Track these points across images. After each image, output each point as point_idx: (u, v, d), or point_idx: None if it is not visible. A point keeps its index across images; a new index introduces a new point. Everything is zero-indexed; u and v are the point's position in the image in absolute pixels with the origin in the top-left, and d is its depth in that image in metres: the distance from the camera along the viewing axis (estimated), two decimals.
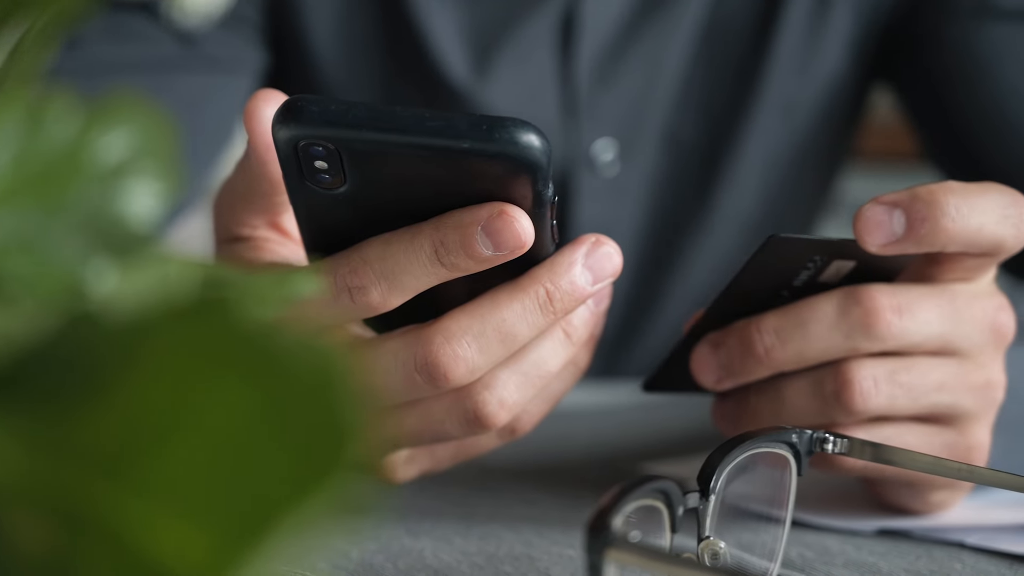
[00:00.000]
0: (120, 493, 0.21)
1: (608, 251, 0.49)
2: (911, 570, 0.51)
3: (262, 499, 0.18)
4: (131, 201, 0.26)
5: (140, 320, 0.23)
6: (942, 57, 0.93)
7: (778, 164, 0.99)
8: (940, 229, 0.50)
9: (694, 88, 0.97)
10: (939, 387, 0.53)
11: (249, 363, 0.21)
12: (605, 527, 0.37)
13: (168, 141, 0.27)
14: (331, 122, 0.43)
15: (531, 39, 0.92)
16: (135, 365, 0.22)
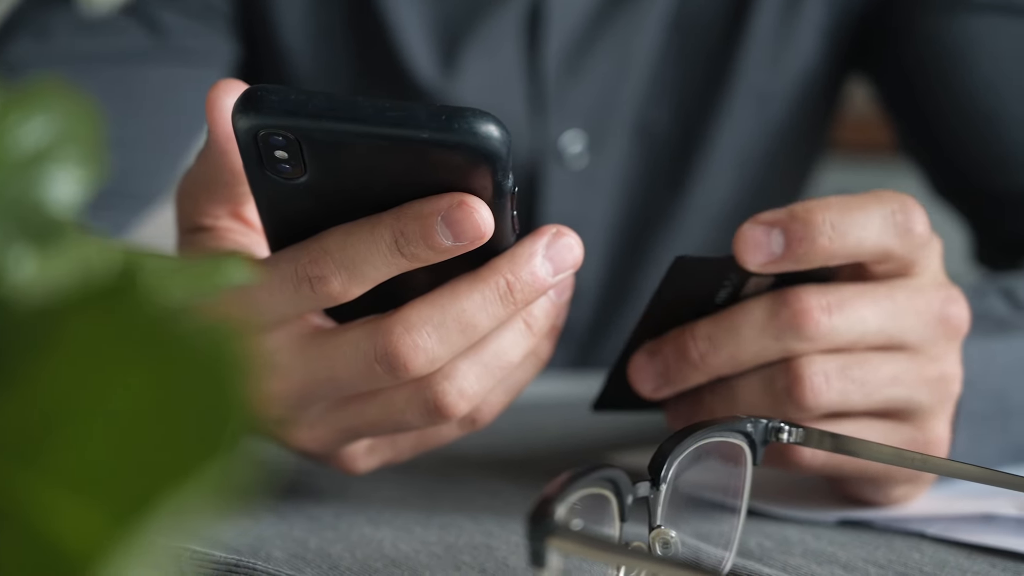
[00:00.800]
0: (26, 476, 0.21)
1: (569, 242, 0.49)
2: (869, 560, 0.51)
3: (150, 477, 0.18)
4: (52, 187, 0.26)
5: (52, 305, 0.23)
6: (916, 49, 0.93)
7: (751, 156, 0.99)
8: (818, 247, 0.51)
9: (665, 79, 0.97)
10: (892, 381, 0.53)
11: (151, 347, 0.21)
12: (547, 515, 0.37)
13: (91, 128, 0.27)
14: (291, 112, 0.43)
15: (498, 31, 0.92)
16: (46, 350, 0.22)
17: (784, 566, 0.50)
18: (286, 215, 0.48)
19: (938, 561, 0.51)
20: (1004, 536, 0.54)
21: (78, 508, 0.20)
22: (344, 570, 0.49)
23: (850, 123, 1.32)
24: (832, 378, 0.53)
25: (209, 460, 0.18)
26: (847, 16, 0.97)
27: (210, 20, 0.91)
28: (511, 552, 0.51)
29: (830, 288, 0.53)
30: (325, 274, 0.47)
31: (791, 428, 0.49)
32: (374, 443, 0.55)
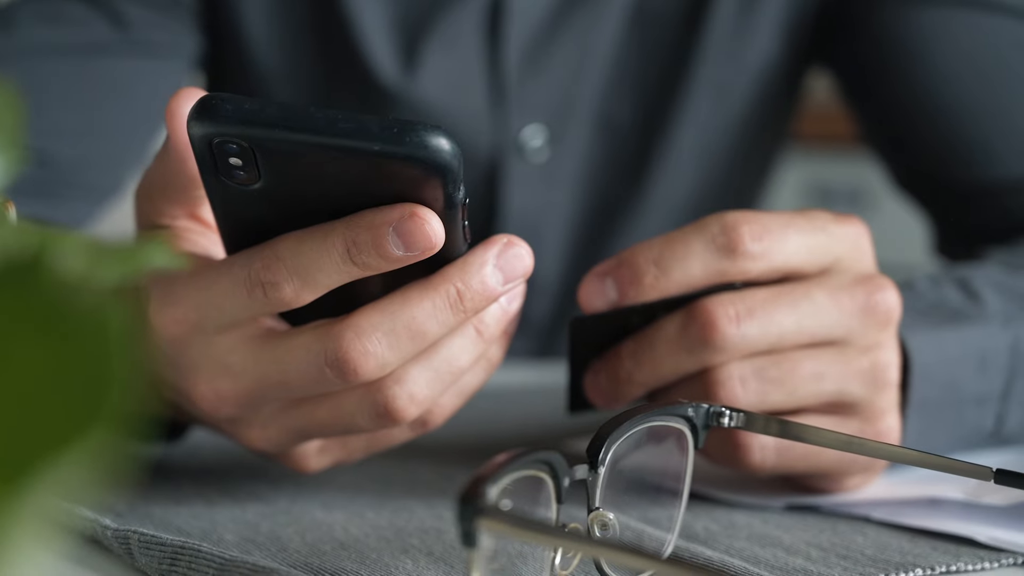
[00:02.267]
0: None
1: (519, 252, 0.50)
2: (813, 543, 0.52)
3: (34, 445, 0.19)
4: None
5: None
6: (874, 43, 0.94)
7: (712, 149, 1.00)
8: (647, 287, 0.55)
9: (626, 73, 0.98)
10: (816, 377, 0.55)
11: (48, 323, 0.22)
12: (478, 495, 0.37)
13: (11, 114, 0.27)
14: (244, 121, 0.44)
15: (458, 26, 0.93)
16: None
17: (728, 549, 0.51)
18: (241, 220, 0.49)
19: (880, 544, 0.52)
20: (948, 520, 0.54)
21: None
22: (292, 552, 0.49)
23: (812, 115, 1.33)
24: (749, 380, 0.54)
25: (90, 429, 0.19)
26: (805, 10, 0.98)
27: (174, 13, 0.91)
28: None
29: (742, 296, 0.54)
30: (277, 280, 0.47)
31: (732, 412, 0.49)
32: (325, 444, 0.55)
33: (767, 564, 0.49)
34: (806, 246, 0.55)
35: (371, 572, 0.47)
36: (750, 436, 0.55)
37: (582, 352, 0.58)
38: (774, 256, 0.55)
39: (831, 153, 2.32)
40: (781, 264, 0.55)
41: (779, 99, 1.02)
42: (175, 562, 0.45)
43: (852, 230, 0.57)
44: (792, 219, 0.56)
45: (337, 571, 0.47)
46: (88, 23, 0.87)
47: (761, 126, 1.02)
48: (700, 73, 0.97)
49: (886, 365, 0.56)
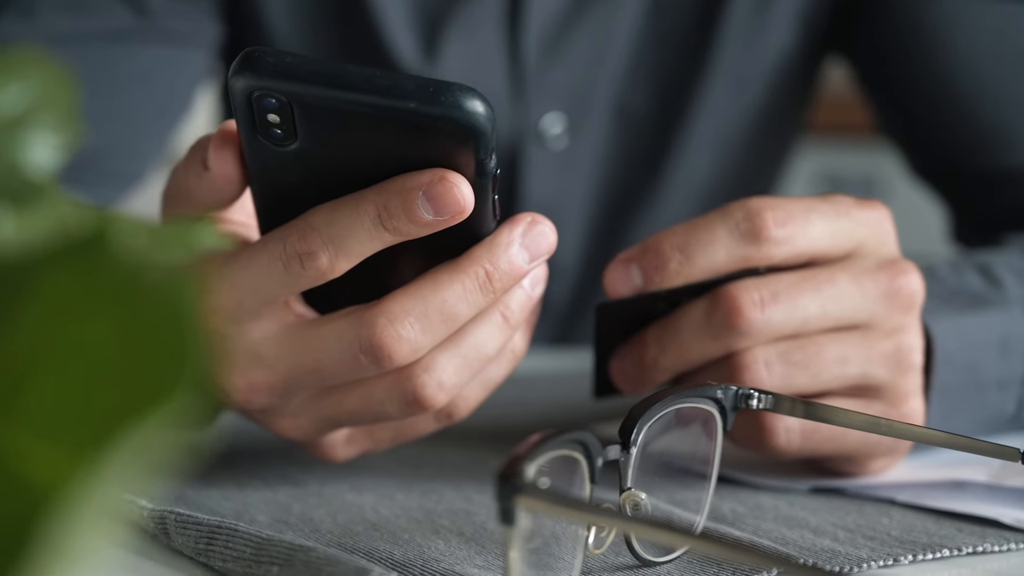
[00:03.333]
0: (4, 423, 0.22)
1: (544, 229, 0.51)
2: (839, 524, 0.53)
3: (110, 417, 0.19)
4: (30, 151, 0.27)
5: (27, 261, 0.24)
6: (891, 31, 0.94)
7: (729, 136, 1.00)
8: (672, 273, 0.55)
9: (644, 61, 0.98)
10: (841, 361, 0.55)
11: (118, 298, 0.22)
12: (516, 474, 0.38)
13: (68, 95, 0.28)
14: (283, 74, 0.45)
15: (478, 15, 0.93)
16: (20, 303, 0.23)
17: (756, 530, 0.52)
18: (276, 186, 0.49)
19: (906, 526, 0.53)
20: (972, 502, 0.55)
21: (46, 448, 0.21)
22: (325, 533, 0.50)
23: (828, 104, 1.33)
24: (774, 364, 0.55)
25: (165, 400, 0.19)
26: None
27: (195, 2, 0.92)
28: (490, 517, 0.52)
29: (766, 281, 0.55)
30: (313, 250, 0.48)
31: (761, 394, 0.50)
32: (353, 433, 0.56)
33: (795, 545, 0.50)
34: (829, 231, 0.56)
35: (404, 552, 0.48)
36: (775, 419, 0.55)
37: (608, 337, 0.59)
38: (798, 241, 0.55)
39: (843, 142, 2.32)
40: (805, 249, 0.55)
41: (796, 88, 1.02)
42: (212, 541, 0.46)
43: (875, 214, 0.57)
44: (815, 204, 0.56)
45: (371, 551, 0.47)
46: (111, 11, 0.88)
47: (778, 115, 1.02)
48: (717, 62, 0.97)
49: (910, 348, 0.57)
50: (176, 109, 0.92)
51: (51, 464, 0.21)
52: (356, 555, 0.46)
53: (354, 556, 0.44)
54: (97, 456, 0.19)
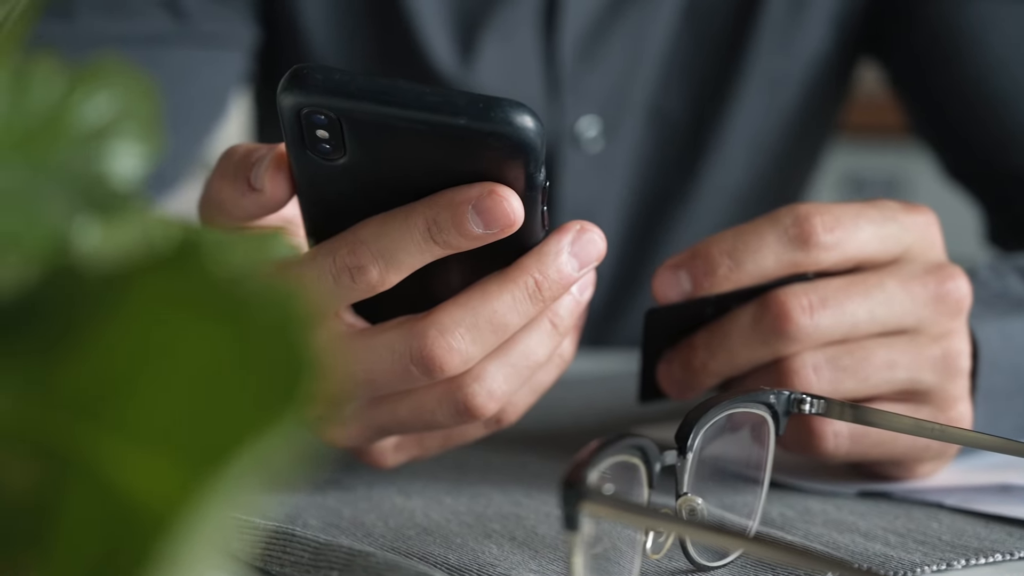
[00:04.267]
0: (98, 433, 0.22)
1: (593, 237, 0.51)
2: (889, 528, 0.53)
3: (224, 431, 0.19)
4: (113, 161, 0.27)
5: (119, 271, 0.24)
6: (927, 32, 0.94)
7: (764, 139, 1.00)
8: (720, 279, 0.55)
9: (678, 64, 0.98)
10: (889, 366, 0.55)
11: (218, 307, 0.22)
12: (580, 480, 0.38)
13: (150, 105, 0.28)
14: (333, 92, 0.45)
15: (515, 18, 0.93)
16: (114, 313, 0.23)
17: (806, 535, 0.52)
18: (325, 199, 0.49)
19: (956, 530, 0.53)
20: (1021, 506, 0.55)
21: (151, 462, 0.21)
22: (378, 537, 0.50)
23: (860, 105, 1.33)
24: (822, 369, 0.55)
25: (283, 412, 0.19)
26: (856, 2, 0.98)
27: (231, 4, 0.92)
28: (540, 521, 0.53)
29: (814, 286, 0.55)
30: (363, 263, 0.48)
31: (813, 399, 0.50)
32: (402, 440, 0.56)
33: (847, 550, 0.50)
34: (877, 236, 0.56)
35: (459, 557, 0.48)
36: (824, 423, 0.55)
37: (655, 342, 0.59)
38: (846, 246, 0.55)
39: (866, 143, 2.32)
40: (853, 254, 0.55)
41: (829, 90, 1.02)
42: (269, 546, 0.46)
43: (922, 219, 0.57)
44: (863, 209, 0.56)
45: (425, 555, 0.48)
46: (148, 14, 0.88)
47: (811, 117, 1.02)
48: (752, 65, 0.97)
49: (958, 353, 0.57)
50: (212, 112, 0.92)
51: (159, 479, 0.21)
52: (410, 559, 0.46)
53: (413, 561, 0.44)
54: (208, 471, 0.20)
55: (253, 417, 0.19)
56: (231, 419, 0.20)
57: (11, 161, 0.26)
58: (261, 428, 0.19)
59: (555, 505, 0.55)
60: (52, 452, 0.23)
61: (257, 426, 0.19)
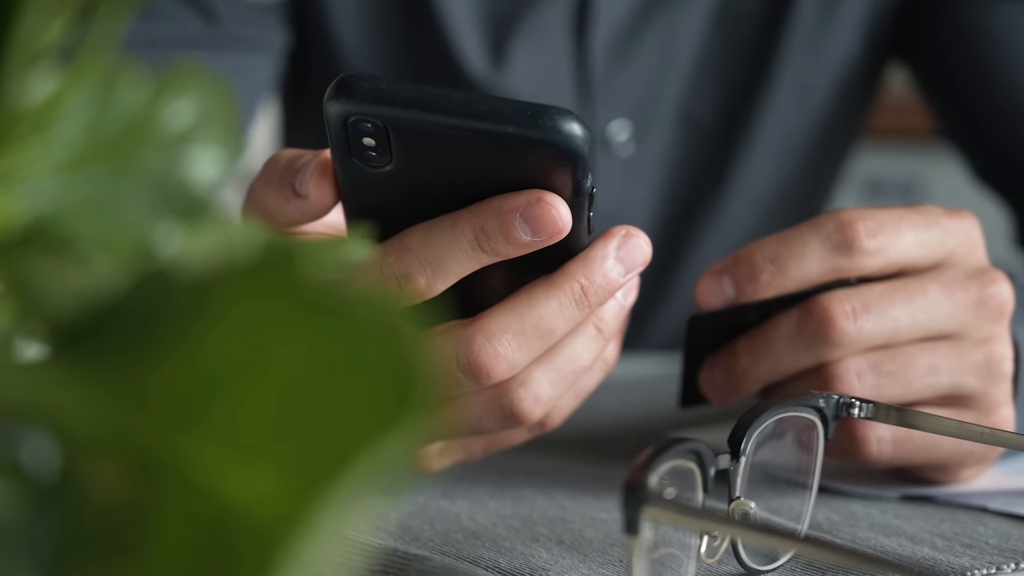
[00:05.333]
0: (189, 440, 0.22)
1: (639, 242, 0.51)
2: (936, 532, 0.53)
3: (336, 438, 0.19)
4: (196, 166, 0.27)
5: (210, 277, 0.24)
6: (957, 36, 0.94)
7: (793, 143, 1.00)
8: (763, 285, 0.55)
9: (709, 68, 0.98)
10: (932, 371, 0.55)
11: (317, 314, 0.22)
12: (641, 484, 0.38)
13: (230, 110, 0.28)
14: (381, 100, 0.45)
15: (546, 21, 0.93)
16: (206, 319, 0.23)
17: (853, 538, 0.52)
18: (369, 204, 0.49)
19: (1002, 534, 0.52)
20: None
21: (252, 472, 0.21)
22: (426, 541, 0.50)
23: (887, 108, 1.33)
24: (865, 375, 0.55)
25: (400, 421, 0.19)
26: (886, 4, 0.98)
27: (262, 8, 0.92)
28: (586, 525, 0.53)
29: (857, 292, 0.55)
30: (411, 271, 0.48)
31: (862, 403, 0.50)
32: (447, 444, 0.56)
33: (895, 554, 0.50)
34: (920, 241, 0.56)
35: (509, 561, 0.48)
36: (867, 429, 0.55)
37: (697, 348, 0.59)
38: (889, 252, 0.55)
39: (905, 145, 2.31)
40: (896, 259, 0.55)
41: (858, 94, 1.02)
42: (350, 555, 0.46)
43: (964, 224, 0.57)
44: (906, 214, 0.56)
45: (475, 559, 0.48)
46: (180, 17, 0.88)
47: (840, 120, 1.02)
48: (782, 69, 0.97)
49: (1000, 358, 0.57)
50: (243, 116, 0.92)
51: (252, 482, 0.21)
52: (463, 562, 0.46)
53: (469, 566, 0.44)
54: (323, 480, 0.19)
55: (368, 425, 0.19)
56: (342, 426, 0.20)
57: (97, 166, 0.26)
58: (378, 435, 0.19)
59: (600, 509, 0.55)
60: (144, 460, 0.23)
61: (373, 435, 0.19)
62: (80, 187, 0.26)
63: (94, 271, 0.26)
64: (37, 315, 0.25)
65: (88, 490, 0.23)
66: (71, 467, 0.24)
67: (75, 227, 0.26)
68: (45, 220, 0.26)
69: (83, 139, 0.26)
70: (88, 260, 0.26)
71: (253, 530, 0.21)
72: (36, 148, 0.25)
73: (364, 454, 0.19)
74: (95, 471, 0.23)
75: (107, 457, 0.23)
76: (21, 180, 0.25)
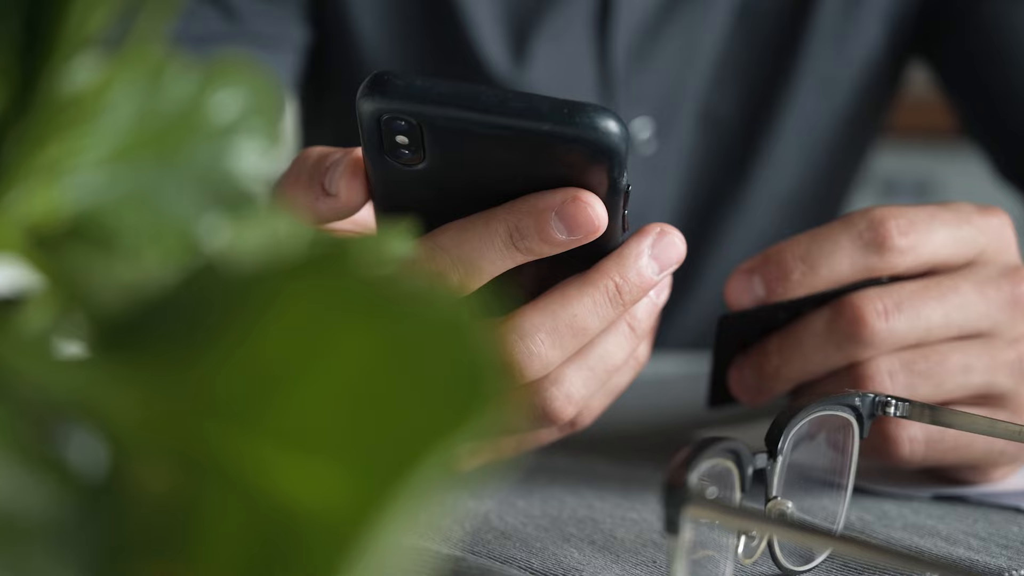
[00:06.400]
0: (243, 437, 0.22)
1: (673, 240, 0.50)
2: (970, 532, 0.52)
3: (403, 439, 0.19)
4: (241, 158, 0.27)
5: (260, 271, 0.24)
6: (981, 34, 0.93)
7: (815, 140, 1.00)
8: (794, 284, 0.55)
9: (731, 65, 0.98)
10: (964, 370, 0.54)
11: (373, 308, 0.22)
12: (683, 483, 0.37)
13: (275, 101, 0.28)
14: (415, 98, 0.44)
15: (568, 19, 0.93)
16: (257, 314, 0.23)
17: (887, 539, 0.51)
18: (401, 202, 0.49)
19: None
20: None
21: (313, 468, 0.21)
22: (456, 541, 0.49)
23: (908, 106, 1.32)
24: (898, 374, 0.54)
25: (469, 416, 0.19)
26: (909, 1, 0.97)
27: (282, 5, 0.92)
28: (616, 525, 0.52)
29: (889, 290, 0.54)
30: (444, 270, 0.47)
31: (897, 402, 0.49)
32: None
33: (930, 554, 0.49)
34: (952, 239, 0.55)
35: (542, 562, 0.47)
36: (900, 428, 0.54)
37: (726, 348, 0.58)
38: (921, 250, 0.54)
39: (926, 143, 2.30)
40: (928, 258, 0.55)
41: (880, 91, 1.02)
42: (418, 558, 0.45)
43: (996, 221, 0.56)
44: (937, 212, 0.55)
45: (507, 559, 0.47)
46: (200, 14, 0.88)
47: (862, 118, 1.01)
48: (805, 66, 0.97)
49: None
50: None
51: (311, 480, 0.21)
52: (495, 562, 0.46)
53: (503, 566, 0.43)
54: (390, 478, 0.19)
55: (437, 422, 0.19)
56: (407, 424, 0.19)
57: (144, 158, 0.26)
58: (447, 432, 0.19)
59: (630, 508, 0.54)
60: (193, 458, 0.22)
61: (443, 432, 0.19)
62: (126, 179, 0.26)
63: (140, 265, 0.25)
64: (83, 310, 0.25)
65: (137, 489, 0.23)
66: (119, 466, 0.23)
67: (121, 220, 0.26)
68: (90, 212, 0.25)
69: (129, 130, 0.25)
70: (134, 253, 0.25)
71: (317, 530, 0.20)
72: (82, 139, 0.25)
73: (433, 452, 0.18)
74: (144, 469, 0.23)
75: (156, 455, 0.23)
76: (66, 171, 0.25)
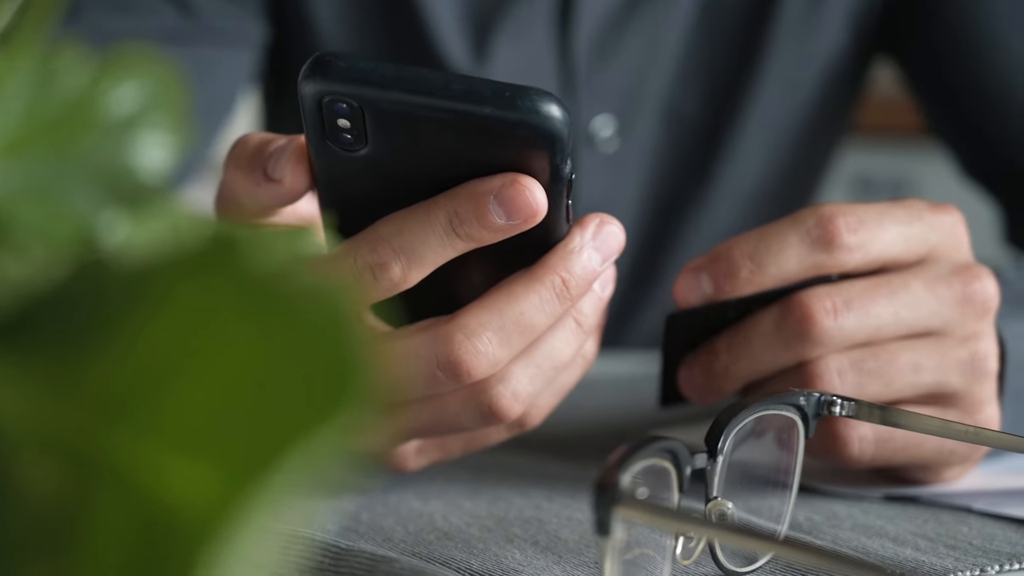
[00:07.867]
0: (129, 435, 0.21)
1: (613, 229, 0.50)
2: (919, 533, 0.52)
3: (270, 435, 0.18)
4: (141, 152, 0.26)
5: (150, 267, 0.23)
6: (945, 30, 0.93)
7: (779, 139, 0.99)
8: (742, 282, 0.54)
9: (694, 63, 0.97)
10: (915, 369, 0.54)
11: (257, 306, 0.21)
12: (613, 484, 0.37)
13: (178, 95, 0.27)
14: (356, 79, 0.44)
15: (529, 16, 0.92)
16: (145, 310, 0.22)
17: (835, 539, 0.51)
18: (344, 192, 0.48)
19: (986, 535, 0.51)
20: None
21: (187, 467, 0.20)
22: (398, 542, 0.49)
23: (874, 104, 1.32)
24: (846, 373, 0.54)
25: (334, 413, 0.18)
26: (873, 0, 0.97)
27: (240, 2, 0.91)
28: (562, 525, 0.52)
29: (838, 288, 0.54)
30: (385, 260, 0.47)
31: (843, 401, 0.49)
32: (424, 444, 0.55)
33: (877, 555, 0.49)
34: (902, 236, 0.55)
35: (482, 562, 0.47)
36: (849, 428, 0.54)
37: (675, 347, 0.58)
38: (871, 247, 0.54)
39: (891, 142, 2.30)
40: (878, 255, 0.54)
41: (845, 89, 1.01)
42: (287, 550, 0.45)
43: (948, 219, 0.56)
44: (888, 209, 0.55)
45: (446, 560, 0.47)
46: (156, 11, 0.87)
47: (827, 117, 1.01)
48: (769, 64, 0.96)
49: (985, 355, 0.56)
50: (221, 110, 0.91)
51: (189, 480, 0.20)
52: (433, 564, 0.45)
53: (437, 567, 0.43)
54: (254, 477, 0.18)
55: (302, 419, 0.18)
56: (278, 422, 0.19)
57: (37, 152, 0.25)
58: (311, 431, 0.18)
59: (577, 509, 0.54)
60: (80, 456, 0.22)
61: (306, 429, 0.18)
62: (19, 173, 0.25)
63: (32, 260, 0.25)
64: None
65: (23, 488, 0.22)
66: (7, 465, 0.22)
67: (13, 214, 0.25)
68: None
69: (21, 123, 0.25)
70: (26, 249, 0.25)
71: (187, 526, 0.20)
72: None
73: (295, 448, 0.18)
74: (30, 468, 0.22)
75: (42, 454, 0.22)
76: None
